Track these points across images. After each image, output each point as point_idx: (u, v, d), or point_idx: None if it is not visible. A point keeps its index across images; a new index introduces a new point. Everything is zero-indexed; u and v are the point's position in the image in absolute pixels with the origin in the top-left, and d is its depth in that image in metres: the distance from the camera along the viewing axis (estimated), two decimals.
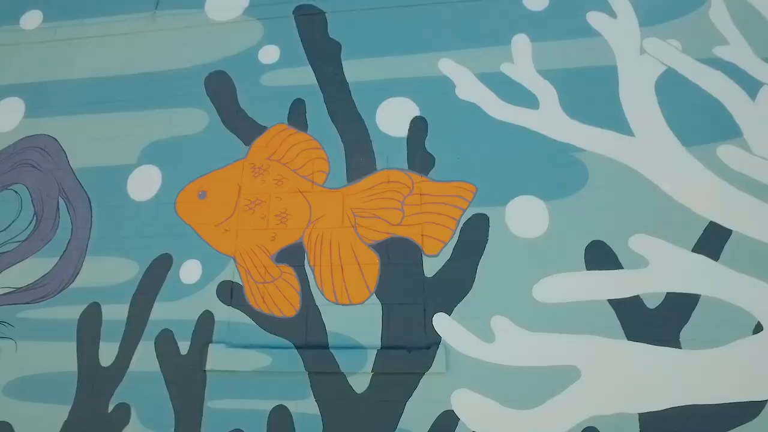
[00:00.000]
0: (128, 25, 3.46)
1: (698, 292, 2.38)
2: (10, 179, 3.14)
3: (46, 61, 3.44)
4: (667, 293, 2.40)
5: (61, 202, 3.04)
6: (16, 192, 3.11)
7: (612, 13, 3.02)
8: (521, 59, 2.96)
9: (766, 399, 2.17)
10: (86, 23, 3.51)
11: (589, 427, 2.24)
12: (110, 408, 2.56)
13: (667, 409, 2.22)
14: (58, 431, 2.54)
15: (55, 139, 3.21)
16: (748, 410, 2.17)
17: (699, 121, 2.70)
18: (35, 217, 3.03)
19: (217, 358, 2.55)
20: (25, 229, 3.01)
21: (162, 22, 3.44)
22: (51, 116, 3.28)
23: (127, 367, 2.62)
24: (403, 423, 2.35)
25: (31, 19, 3.57)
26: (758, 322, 2.29)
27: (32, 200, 3.07)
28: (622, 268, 2.46)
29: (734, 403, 2.19)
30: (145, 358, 2.63)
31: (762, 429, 2.14)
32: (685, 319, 2.35)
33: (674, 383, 2.25)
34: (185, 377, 2.56)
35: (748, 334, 2.28)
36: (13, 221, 3.03)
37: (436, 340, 2.45)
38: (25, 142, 3.23)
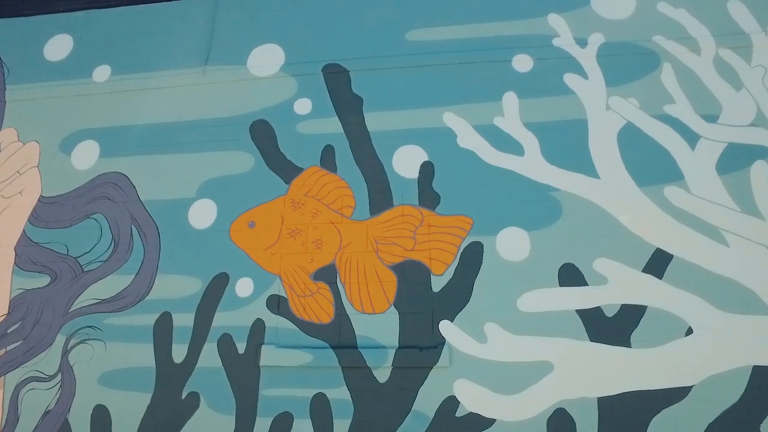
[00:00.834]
0: (182, 79, 4.10)
1: (646, 304, 3.04)
2: (90, 209, 3.80)
3: (116, 109, 4.07)
4: (622, 305, 3.05)
5: (134, 229, 3.70)
6: (96, 220, 3.76)
7: (584, 75, 3.66)
8: (510, 113, 3.60)
9: (692, 384, 2.84)
10: (147, 76, 4.14)
11: (559, 408, 2.91)
12: (183, 395, 3.23)
13: (619, 394, 2.89)
14: (143, 413, 3.21)
15: (126, 176, 3.85)
16: (679, 393, 2.84)
17: (650, 166, 3.34)
18: (113, 242, 3.69)
19: (268, 356, 3.20)
20: (106, 251, 3.66)
21: (211, 77, 4.08)
22: (121, 156, 3.91)
23: (196, 363, 3.28)
24: (416, 406, 3.01)
25: (102, 73, 4.20)
26: (689, 326, 2.96)
27: (110, 227, 3.72)
28: (587, 284, 3.13)
29: (669, 388, 2.85)
30: (210, 356, 3.28)
31: (689, 406, 2.80)
32: (635, 324, 3.01)
33: (625, 374, 2.92)
34: (243, 371, 3.22)
35: (682, 336, 2.95)
36: (95, 245, 3.70)
37: (441, 341, 3.11)
38: (101, 178, 3.87)
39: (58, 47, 4.36)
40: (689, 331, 2.96)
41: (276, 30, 4.12)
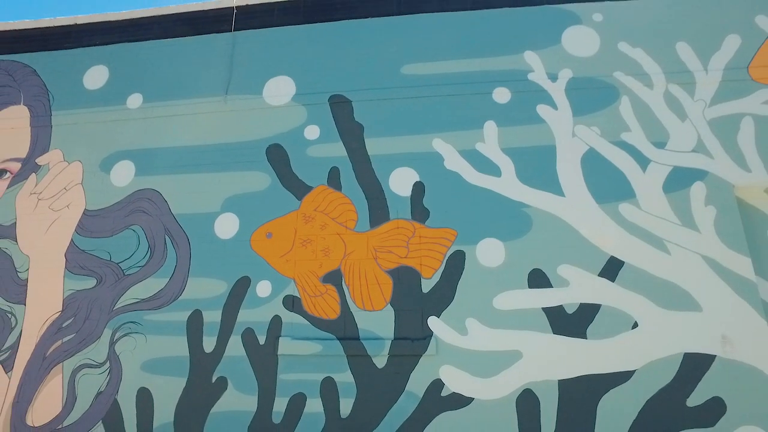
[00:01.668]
0: (206, 106, 4.69)
1: (600, 303, 3.63)
2: (129, 221, 4.40)
3: (148, 133, 4.67)
4: (580, 303, 3.64)
5: (167, 238, 4.30)
6: (134, 231, 4.36)
7: (554, 106, 4.25)
8: (490, 139, 4.20)
9: (635, 369, 3.43)
10: (175, 104, 4.74)
11: (526, 388, 3.51)
12: (213, 379, 3.82)
13: (576, 377, 3.48)
14: (180, 394, 3.80)
15: (159, 192, 4.45)
16: (624, 376, 3.44)
17: (608, 186, 3.92)
18: (149, 250, 4.28)
19: (285, 346, 3.79)
20: (143, 257, 4.26)
21: (231, 105, 4.67)
22: (154, 175, 4.51)
23: (224, 353, 3.87)
24: (408, 387, 3.60)
25: (134, 100, 4.81)
26: (635, 321, 3.56)
27: (146, 237, 4.32)
28: (552, 286, 3.72)
29: (617, 372, 3.45)
30: (235, 347, 3.86)
31: (632, 386, 3.39)
32: (591, 320, 3.60)
33: (581, 360, 3.51)
34: (264, 359, 3.81)
35: (629, 329, 3.55)
36: (134, 252, 4.29)
37: (429, 334, 3.71)
38: (137, 194, 4.47)
39: (96, 77, 4.96)
40: (635, 325, 3.55)
41: (288, 64, 4.72)
